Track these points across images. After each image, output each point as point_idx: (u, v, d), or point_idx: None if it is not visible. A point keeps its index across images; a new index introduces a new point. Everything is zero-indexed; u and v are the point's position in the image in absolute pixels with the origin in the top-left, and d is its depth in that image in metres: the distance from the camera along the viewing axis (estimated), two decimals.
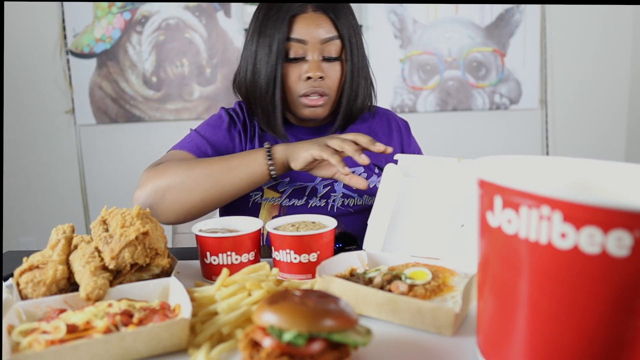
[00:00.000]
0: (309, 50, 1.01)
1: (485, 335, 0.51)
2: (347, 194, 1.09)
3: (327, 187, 1.08)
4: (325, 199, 1.08)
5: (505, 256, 0.46)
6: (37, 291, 0.66)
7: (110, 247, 0.68)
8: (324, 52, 1.02)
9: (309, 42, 1.00)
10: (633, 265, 0.39)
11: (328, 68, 1.03)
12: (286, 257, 0.76)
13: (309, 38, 1.00)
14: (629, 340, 0.41)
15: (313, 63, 1.01)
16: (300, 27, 1.00)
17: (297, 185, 1.08)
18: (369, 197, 1.11)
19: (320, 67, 1.01)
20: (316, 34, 1.00)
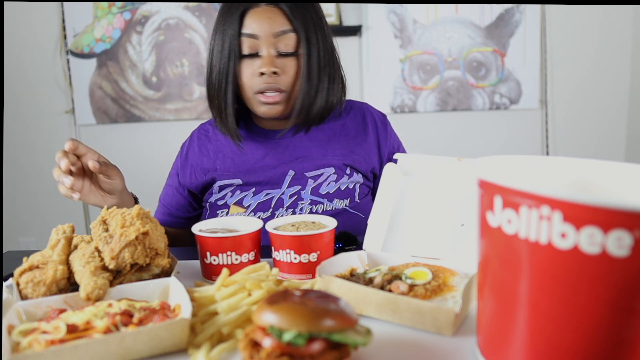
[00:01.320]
0: (262, 45, 0.98)
1: (485, 335, 0.51)
2: (315, 200, 1.05)
3: (294, 196, 1.05)
4: (292, 208, 1.04)
5: (505, 256, 0.46)
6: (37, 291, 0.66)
7: (110, 247, 0.68)
8: (278, 47, 0.99)
9: (261, 37, 0.97)
10: (633, 265, 0.39)
11: (283, 63, 0.99)
12: (286, 257, 0.76)
13: (261, 32, 0.97)
14: (629, 340, 0.41)
15: (266, 58, 0.98)
16: (251, 22, 0.98)
17: (263, 197, 1.05)
18: (340, 201, 1.06)
19: (274, 62, 0.98)
20: (268, 28, 0.97)
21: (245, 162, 1.09)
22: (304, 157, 1.08)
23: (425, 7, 2.83)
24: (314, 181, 1.06)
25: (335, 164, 1.08)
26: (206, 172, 1.11)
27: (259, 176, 1.07)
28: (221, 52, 0.99)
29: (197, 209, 1.17)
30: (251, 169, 1.08)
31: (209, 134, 1.16)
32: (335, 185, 1.06)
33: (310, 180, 1.05)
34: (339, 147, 1.10)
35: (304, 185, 1.05)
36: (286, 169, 1.06)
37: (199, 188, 1.12)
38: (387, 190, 0.80)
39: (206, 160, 1.12)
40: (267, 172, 1.07)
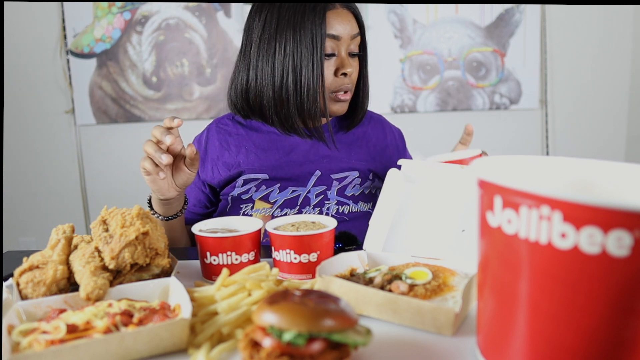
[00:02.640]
0: (342, 46, 1.02)
1: (485, 335, 0.51)
2: (341, 201, 1.07)
3: (320, 195, 1.06)
4: (319, 207, 1.06)
5: (505, 256, 0.46)
6: (37, 291, 0.66)
7: (110, 247, 0.68)
8: (350, 48, 1.04)
9: (342, 38, 1.02)
10: (633, 265, 0.39)
11: (352, 65, 1.04)
12: (286, 257, 0.76)
13: (343, 33, 1.01)
14: (629, 340, 0.41)
15: (345, 59, 1.03)
16: (334, 23, 1.01)
17: (289, 194, 1.06)
18: (364, 204, 1.09)
19: (350, 63, 1.03)
20: (348, 30, 1.02)
21: (269, 157, 1.09)
22: (329, 157, 1.09)
23: (425, 7, 2.83)
24: (339, 183, 1.07)
25: (360, 168, 1.11)
26: (230, 167, 1.10)
27: (285, 172, 1.07)
28: (311, 52, 1.00)
29: (215, 203, 1.16)
30: (277, 164, 1.08)
31: (228, 128, 1.14)
32: (360, 188, 1.10)
33: (335, 181, 1.07)
34: (362, 152, 1.13)
35: (329, 186, 1.07)
36: (313, 168, 1.08)
37: (221, 183, 1.11)
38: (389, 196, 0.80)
39: (228, 155, 1.11)
40: (294, 169, 1.08)
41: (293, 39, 1.01)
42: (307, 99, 1.02)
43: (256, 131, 1.12)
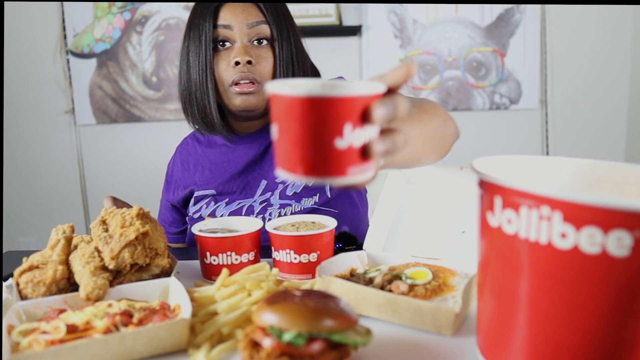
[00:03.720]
0: (236, 35, 0.98)
1: (485, 335, 0.51)
2: (283, 203, 1.04)
3: (264, 202, 1.04)
4: (262, 214, 1.04)
5: (506, 256, 0.46)
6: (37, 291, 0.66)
7: (110, 247, 0.68)
8: (252, 37, 1.00)
9: (235, 26, 0.98)
10: (633, 265, 0.39)
11: (257, 54, 0.99)
12: (286, 257, 0.76)
13: (235, 22, 0.98)
14: (629, 340, 0.41)
15: (240, 47, 0.98)
16: (225, 14, 0.99)
17: (235, 206, 1.05)
18: (308, 199, 1.05)
19: (249, 52, 0.98)
20: (242, 18, 0.98)
21: (221, 171, 1.09)
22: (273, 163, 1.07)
23: (425, 7, 2.83)
24: (283, 185, 1.05)
25: None
26: (185, 186, 1.12)
27: (232, 186, 1.07)
28: (198, 48, 0.99)
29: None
30: (227, 178, 1.08)
31: (188, 147, 1.17)
32: (301, 183, 1.05)
33: (280, 184, 1.05)
34: None
35: (273, 192, 1.05)
36: (260, 178, 1.07)
37: (180, 203, 1.13)
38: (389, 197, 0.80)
39: (187, 175, 1.13)
40: (241, 181, 1.07)
41: (188, 37, 1.02)
42: (202, 95, 1.01)
43: (211, 147, 1.13)
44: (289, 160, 0.43)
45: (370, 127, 0.43)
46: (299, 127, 0.41)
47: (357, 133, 0.42)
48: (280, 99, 0.42)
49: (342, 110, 0.41)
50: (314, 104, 0.41)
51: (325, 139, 0.41)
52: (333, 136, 0.41)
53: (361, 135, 0.43)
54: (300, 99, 0.41)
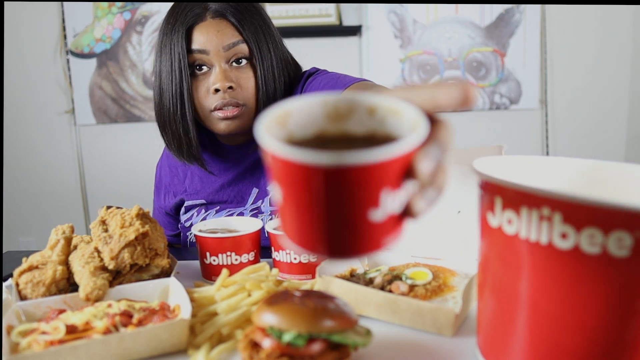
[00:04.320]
0: (213, 60, 0.92)
1: (485, 335, 0.51)
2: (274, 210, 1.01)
3: (254, 210, 1.03)
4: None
5: (506, 256, 0.46)
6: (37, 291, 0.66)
7: (110, 247, 0.68)
8: (230, 59, 0.93)
9: (211, 51, 0.91)
10: (633, 265, 0.39)
11: (238, 76, 0.94)
12: (286, 258, 0.76)
13: (210, 46, 0.91)
14: (630, 340, 0.40)
15: (220, 73, 0.92)
16: (199, 36, 0.92)
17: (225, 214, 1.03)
18: None
19: (229, 76, 0.92)
20: (217, 41, 0.91)
21: (212, 181, 1.06)
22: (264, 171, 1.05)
23: (425, 7, 2.83)
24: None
25: None
26: (176, 194, 1.10)
27: (223, 195, 1.05)
28: (171, 74, 0.93)
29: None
30: (216, 188, 1.06)
31: None
32: None
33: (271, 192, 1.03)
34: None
35: (264, 199, 1.03)
36: (250, 187, 1.04)
37: (172, 210, 1.12)
38: None
39: (177, 181, 1.10)
40: (231, 190, 1.05)
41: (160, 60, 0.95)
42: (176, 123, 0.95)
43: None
44: (304, 237, 0.34)
45: (410, 183, 0.34)
46: (320, 202, 0.31)
47: (395, 197, 0.33)
48: (285, 164, 0.31)
49: (378, 175, 0.31)
50: (342, 174, 0.30)
51: (357, 213, 0.32)
52: (366, 209, 0.32)
53: (400, 197, 0.34)
54: (321, 169, 0.30)
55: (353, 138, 0.38)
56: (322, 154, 0.30)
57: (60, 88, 2.83)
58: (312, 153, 0.30)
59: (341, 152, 0.30)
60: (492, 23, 2.84)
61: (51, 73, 2.81)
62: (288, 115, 0.36)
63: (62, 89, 2.83)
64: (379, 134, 0.37)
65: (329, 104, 0.37)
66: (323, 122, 0.38)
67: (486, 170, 0.47)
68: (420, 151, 0.34)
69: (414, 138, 0.32)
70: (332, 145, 0.36)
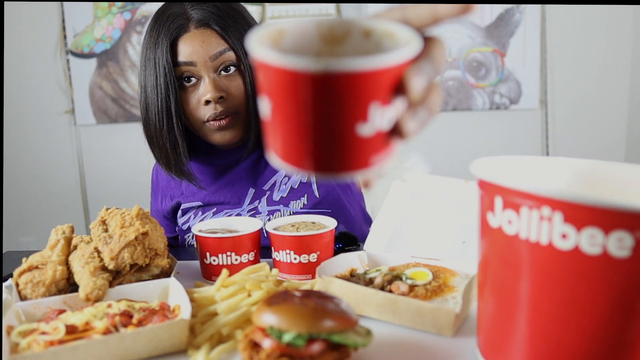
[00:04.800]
0: (201, 71, 0.90)
1: (485, 336, 0.51)
2: (271, 210, 1.01)
3: (252, 211, 1.02)
4: None
5: (506, 257, 0.46)
6: (37, 292, 0.66)
7: (110, 247, 0.68)
8: (218, 68, 0.91)
9: (198, 62, 0.90)
10: (634, 265, 0.38)
11: (228, 85, 0.92)
12: (286, 258, 0.76)
13: (196, 58, 0.90)
14: (630, 341, 0.40)
15: (210, 84, 0.90)
16: (185, 48, 0.90)
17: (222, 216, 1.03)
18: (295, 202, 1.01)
19: (219, 86, 0.90)
20: (203, 52, 0.90)
21: (208, 183, 1.06)
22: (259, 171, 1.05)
23: None
24: (270, 192, 1.02)
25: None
26: (172, 197, 1.10)
27: (219, 197, 1.04)
28: (156, 88, 0.91)
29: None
30: (213, 190, 1.05)
31: None
32: (287, 186, 1.02)
33: (267, 192, 1.02)
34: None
35: (260, 199, 1.02)
36: (246, 188, 1.03)
37: (169, 214, 1.11)
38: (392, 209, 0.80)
39: (173, 184, 1.10)
40: (227, 192, 1.04)
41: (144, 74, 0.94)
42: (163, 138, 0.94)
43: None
44: (291, 151, 0.33)
45: (400, 100, 0.33)
46: (308, 112, 0.31)
47: (384, 113, 0.32)
48: (275, 71, 0.31)
49: (367, 86, 0.31)
50: (330, 82, 0.30)
51: (345, 126, 0.31)
52: (354, 121, 0.31)
53: (389, 114, 0.33)
54: (309, 75, 0.30)
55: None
56: (309, 60, 0.30)
57: (60, 88, 2.83)
58: (300, 58, 0.30)
59: (330, 58, 0.30)
60: (492, 23, 2.84)
61: (51, 73, 2.81)
62: (282, 34, 0.35)
63: (62, 89, 2.83)
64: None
65: (324, 26, 0.35)
66: (317, 44, 0.36)
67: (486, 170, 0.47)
68: (412, 66, 0.33)
69: (405, 50, 0.32)
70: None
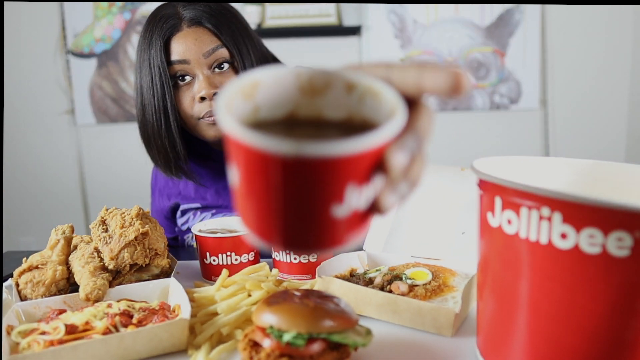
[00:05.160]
0: (195, 69, 0.91)
1: (485, 335, 0.51)
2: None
3: None
4: None
5: (506, 256, 0.46)
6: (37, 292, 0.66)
7: (110, 247, 0.68)
8: (211, 65, 0.92)
9: (192, 60, 0.90)
10: (633, 265, 0.39)
11: (222, 81, 0.92)
12: (286, 258, 0.76)
13: (190, 56, 0.90)
14: (630, 340, 0.40)
15: (204, 81, 0.90)
16: (178, 47, 0.90)
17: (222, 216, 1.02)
18: None
19: (213, 83, 0.91)
20: (197, 49, 0.90)
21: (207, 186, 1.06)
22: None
23: (425, 7, 2.83)
24: None
25: None
26: (170, 197, 1.10)
27: (218, 200, 1.05)
28: (152, 88, 0.91)
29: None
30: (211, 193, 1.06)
31: None
32: None
33: None
34: None
35: None
36: None
37: (168, 213, 1.11)
38: None
39: (171, 184, 1.10)
40: (227, 195, 1.05)
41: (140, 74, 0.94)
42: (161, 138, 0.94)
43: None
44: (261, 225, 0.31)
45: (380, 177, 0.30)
46: (278, 193, 0.28)
47: (361, 192, 0.30)
48: (242, 148, 0.28)
49: (345, 170, 0.28)
50: (304, 167, 0.27)
51: (318, 208, 0.29)
52: (329, 204, 0.29)
53: (367, 192, 0.30)
54: (280, 158, 0.27)
55: (327, 123, 0.34)
56: (281, 142, 0.27)
57: (60, 88, 2.83)
58: (270, 140, 0.27)
59: (303, 142, 0.27)
60: (492, 23, 2.84)
61: (51, 73, 2.81)
62: (256, 86, 0.33)
63: (62, 89, 2.83)
64: (356, 118, 0.34)
65: (303, 77, 0.33)
66: (295, 97, 0.34)
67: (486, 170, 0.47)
68: (395, 142, 0.30)
69: (386, 130, 0.29)
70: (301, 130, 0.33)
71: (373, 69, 0.34)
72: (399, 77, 0.33)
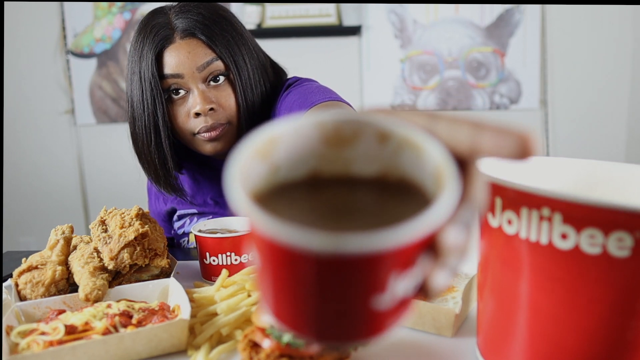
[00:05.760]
0: (189, 83, 0.87)
1: (485, 336, 0.51)
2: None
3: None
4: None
5: (506, 257, 0.46)
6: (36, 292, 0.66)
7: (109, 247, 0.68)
8: (206, 78, 0.88)
9: (186, 74, 0.87)
10: (634, 266, 0.38)
11: (218, 95, 0.89)
12: None
13: (183, 69, 0.86)
14: (630, 341, 0.40)
15: (198, 96, 0.87)
16: (170, 60, 0.87)
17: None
18: None
19: (208, 98, 0.88)
20: (190, 63, 0.86)
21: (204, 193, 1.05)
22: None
23: (425, 7, 2.83)
24: None
25: None
26: (166, 201, 1.09)
27: (214, 207, 1.05)
28: (142, 102, 0.88)
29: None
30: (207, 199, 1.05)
31: None
32: None
33: None
34: None
35: None
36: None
37: (165, 216, 1.11)
38: None
39: None
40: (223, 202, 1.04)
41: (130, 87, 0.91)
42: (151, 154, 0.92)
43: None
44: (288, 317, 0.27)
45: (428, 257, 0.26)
46: (308, 290, 0.25)
47: (407, 278, 0.25)
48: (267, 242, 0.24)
49: (389, 262, 0.24)
50: (341, 264, 0.23)
51: (357, 302, 0.25)
52: (369, 296, 0.25)
53: (413, 276, 0.26)
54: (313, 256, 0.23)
55: (357, 180, 0.29)
56: (314, 237, 0.22)
57: (60, 88, 2.83)
58: (300, 233, 0.22)
59: (341, 236, 0.22)
60: (492, 23, 2.84)
61: (51, 73, 2.81)
62: (274, 143, 0.28)
63: (62, 89, 2.83)
64: (392, 175, 0.29)
65: (328, 126, 0.28)
66: (319, 150, 0.29)
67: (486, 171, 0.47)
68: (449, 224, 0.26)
69: (441, 210, 0.24)
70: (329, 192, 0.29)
71: (412, 116, 0.28)
72: (447, 132, 0.27)
